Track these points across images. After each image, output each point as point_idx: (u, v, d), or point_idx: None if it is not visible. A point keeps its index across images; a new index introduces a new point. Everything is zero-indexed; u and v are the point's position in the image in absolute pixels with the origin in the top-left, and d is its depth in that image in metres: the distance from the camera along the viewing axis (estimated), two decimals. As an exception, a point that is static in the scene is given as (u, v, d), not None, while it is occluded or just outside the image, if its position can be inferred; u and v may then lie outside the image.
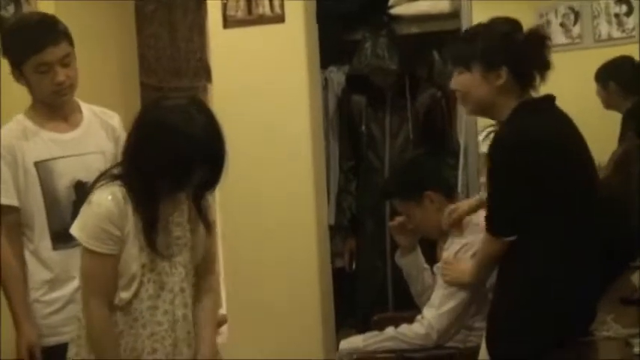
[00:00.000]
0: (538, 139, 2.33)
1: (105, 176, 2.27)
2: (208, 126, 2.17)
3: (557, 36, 4.35)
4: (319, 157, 4.19)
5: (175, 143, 2.11)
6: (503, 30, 2.43)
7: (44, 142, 2.62)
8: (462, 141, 4.09)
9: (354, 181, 4.31)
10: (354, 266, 4.35)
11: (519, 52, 2.40)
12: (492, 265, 2.49)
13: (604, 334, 2.43)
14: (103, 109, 2.82)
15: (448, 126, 4.23)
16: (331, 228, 4.30)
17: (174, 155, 2.11)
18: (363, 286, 4.22)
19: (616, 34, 4.44)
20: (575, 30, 4.49)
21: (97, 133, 2.73)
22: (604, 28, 4.45)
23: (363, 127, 4.20)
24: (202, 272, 2.40)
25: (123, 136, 2.63)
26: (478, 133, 4.05)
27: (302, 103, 4.05)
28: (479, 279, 2.66)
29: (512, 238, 2.36)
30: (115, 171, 2.27)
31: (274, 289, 2.13)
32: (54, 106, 2.64)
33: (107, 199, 2.19)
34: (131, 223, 2.21)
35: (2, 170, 2.58)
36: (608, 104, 4.17)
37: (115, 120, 2.81)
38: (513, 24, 2.46)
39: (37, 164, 2.59)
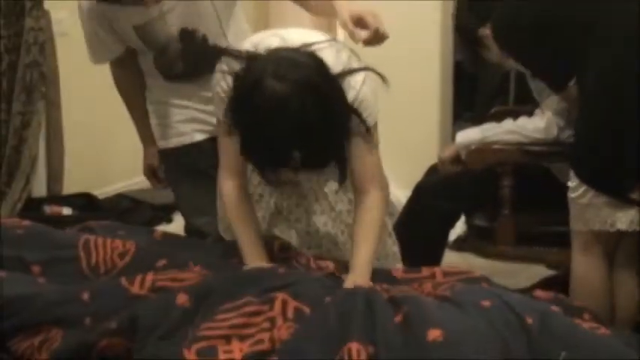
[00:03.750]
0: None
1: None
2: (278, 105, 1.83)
3: None
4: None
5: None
6: None
7: (138, 6, 2.36)
8: None
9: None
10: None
11: None
12: None
13: None
14: None
15: None
16: (456, 18, 4.19)
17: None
18: (484, 79, 4.14)
19: None
20: None
21: None
22: None
23: None
24: (356, 190, 2.12)
25: None
26: None
27: None
28: None
29: (572, 83, 2.34)
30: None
31: (394, 80, 2.08)
32: None
33: (217, 75, 2.06)
34: None
35: (98, 32, 2.45)
36: None
37: None
38: None
39: (135, 27, 2.41)
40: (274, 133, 1.86)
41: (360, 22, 2.06)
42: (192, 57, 2.47)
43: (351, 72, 1.99)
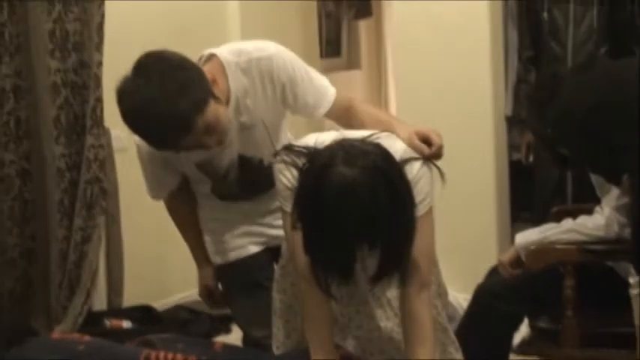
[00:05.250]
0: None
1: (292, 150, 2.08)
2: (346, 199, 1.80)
3: None
4: (497, 47, 4.06)
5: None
6: None
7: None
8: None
9: (532, 72, 4.16)
10: (531, 159, 4.25)
11: None
12: None
13: None
14: (250, 58, 2.33)
15: (639, 13, 3.96)
16: (508, 119, 4.20)
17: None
18: (541, 179, 4.11)
19: None
20: None
21: (252, 105, 2.38)
22: None
23: (545, 14, 4.01)
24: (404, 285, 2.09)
25: (284, 71, 2.34)
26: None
27: (480, -9, 3.93)
28: None
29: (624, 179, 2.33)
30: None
31: (448, 181, 2.09)
32: None
33: (279, 165, 2.10)
34: None
35: (158, 171, 2.52)
36: None
37: (273, 63, 2.33)
38: None
39: (197, 165, 2.48)
40: (345, 224, 1.79)
41: (424, 139, 2.13)
42: (250, 181, 2.52)
43: (410, 159, 2.03)
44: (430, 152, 2.11)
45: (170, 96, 2.08)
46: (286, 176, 2.06)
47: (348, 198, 1.78)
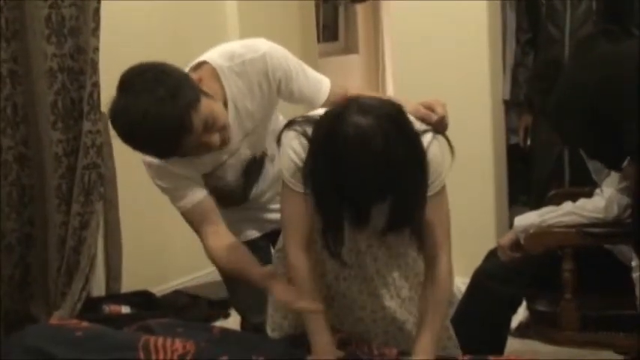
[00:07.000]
0: None
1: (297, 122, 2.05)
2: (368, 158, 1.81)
3: None
4: (495, 30, 4.05)
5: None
6: None
7: (205, 160, 2.39)
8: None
9: (531, 55, 4.15)
10: (528, 142, 4.25)
11: None
12: None
13: None
14: (243, 60, 2.30)
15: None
16: (506, 103, 4.19)
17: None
18: (539, 163, 4.11)
19: None
20: None
21: (251, 106, 2.37)
22: None
23: (543, -4, 4.00)
24: (426, 256, 2.13)
25: (279, 68, 2.32)
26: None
27: (478, -26, 3.92)
28: None
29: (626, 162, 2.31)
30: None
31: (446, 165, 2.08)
32: None
33: (289, 133, 2.04)
34: None
35: (175, 180, 2.40)
36: None
37: (267, 61, 2.30)
38: None
39: (205, 175, 2.45)
40: (359, 170, 1.80)
41: (428, 109, 2.14)
42: (254, 176, 2.53)
43: (420, 132, 2.00)
44: (437, 119, 2.10)
45: (162, 101, 2.07)
46: (294, 147, 2.01)
47: (363, 145, 1.79)
